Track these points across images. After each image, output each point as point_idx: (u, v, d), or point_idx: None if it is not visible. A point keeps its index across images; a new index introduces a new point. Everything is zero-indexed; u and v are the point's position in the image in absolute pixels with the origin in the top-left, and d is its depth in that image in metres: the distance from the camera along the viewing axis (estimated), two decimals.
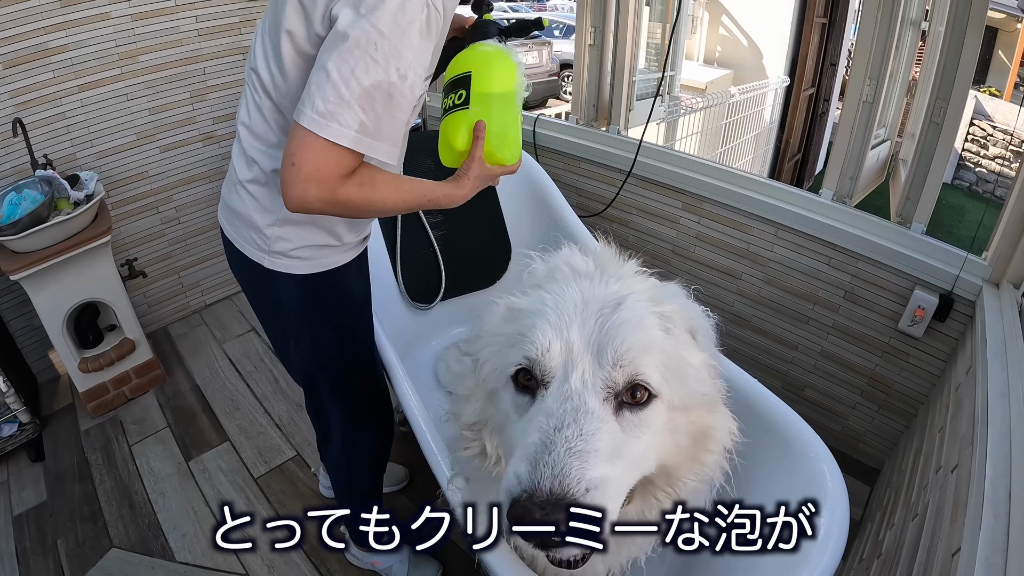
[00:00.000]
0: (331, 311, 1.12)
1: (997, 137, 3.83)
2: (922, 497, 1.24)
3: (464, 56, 1.05)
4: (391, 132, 0.84)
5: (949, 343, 1.54)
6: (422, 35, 0.81)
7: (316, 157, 0.79)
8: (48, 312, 1.84)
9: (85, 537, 1.69)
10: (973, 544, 0.84)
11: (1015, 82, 3.72)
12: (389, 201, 0.90)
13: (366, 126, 0.80)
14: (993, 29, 3.91)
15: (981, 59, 3.99)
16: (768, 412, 1.21)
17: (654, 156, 1.92)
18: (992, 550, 0.83)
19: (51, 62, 1.87)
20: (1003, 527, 0.86)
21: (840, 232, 1.63)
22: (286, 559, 1.60)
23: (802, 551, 0.95)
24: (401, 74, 0.80)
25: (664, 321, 0.71)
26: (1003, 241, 1.43)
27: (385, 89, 0.80)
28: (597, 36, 1.95)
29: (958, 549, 0.89)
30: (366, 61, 0.77)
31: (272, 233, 1.00)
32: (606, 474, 0.56)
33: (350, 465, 1.33)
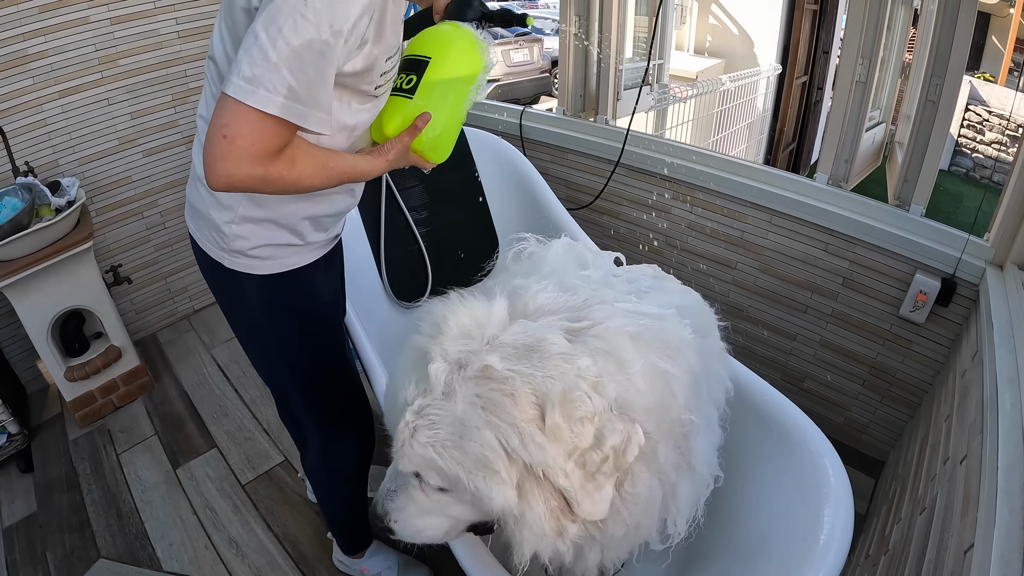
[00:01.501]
0: (296, 314, 1.04)
1: (993, 122, 3.75)
2: (930, 490, 1.16)
3: (430, 35, 0.96)
4: (324, 97, 0.75)
5: (953, 328, 1.46)
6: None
7: (248, 129, 0.70)
8: (32, 321, 1.78)
9: (73, 548, 1.64)
10: (987, 541, 0.77)
11: (1009, 67, 3.63)
12: (317, 179, 0.82)
13: (295, 91, 0.71)
14: (986, 15, 3.83)
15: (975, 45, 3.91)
16: (766, 406, 1.14)
17: (643, 145, 1.84)
18: (1008, 547, 0.75)
19: (31, 68, 1.81)
20: (1019, 522, 0.78)
21: (836, 217, 1.55)
22: (274, 567, 1.54)
23: (806, 551, 0.88)
24: (335, 31, 0.70)
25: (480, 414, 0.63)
26: (1006, 221, 1.35)
27: (316, 48, 0.70)
28: (582, 25, 1.87)
29: (971, 546, 0.82)
30: (295, 18, 0.69)
31: (230, 231, 0.93)
32: (406, 518, 0.75)
33: (330, 473, 1.26)
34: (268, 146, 0.73)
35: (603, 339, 0.66)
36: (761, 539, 1.01)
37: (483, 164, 1.84)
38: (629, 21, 2.33)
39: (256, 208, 0.92)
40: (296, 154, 0.78)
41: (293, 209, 0.94)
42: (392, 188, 1.73)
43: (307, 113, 0.73)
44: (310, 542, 1.58)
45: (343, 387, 1.18)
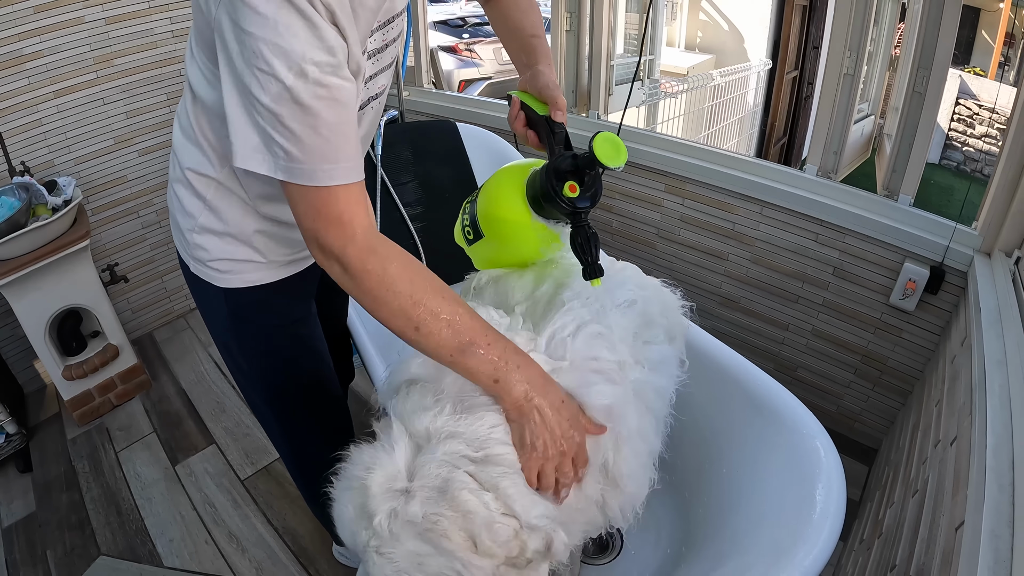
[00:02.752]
0: (260, 329, 0.98)
1: (983, 116, 3.77)
2: (921, 472, 1.17)
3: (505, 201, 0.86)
4: (322, 149, 0.65)
5: (942, 316, 1.47)
6: (303, 15, 0.60)
7: (293, 204, 0.68)
8: (30, 320, 1.78)
9: (73, 546, 1.63)
10: (977, 517, 0.78)
11: (999, 61, 3.66)
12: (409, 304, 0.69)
13: (290, 152, 0.64)
14: (976, 9, 3.85)
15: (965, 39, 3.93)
16: (758, 390, 1.14)
17: (635, 139, 1.85)
18: (997, 522, 0.76)
19: (26, 68, 1.81)
20: (1008, 498, 0.80)
21: (826, 207, 1.56)
22: (274, 560, 1.54)
23: (799, 529, 0.89)
24: (297, 72, 0.61)
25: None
26: (993, 209, 1.37)
27: (287, 98, 0.61)
28: (573, 21, 1.88)
29: (961, 523, 0.83)
30: (255, 75, 0.61)
31: (192, 239, 0.88)
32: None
33: (304, 473, 1.22)
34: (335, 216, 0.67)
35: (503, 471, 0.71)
36: (754, 521, 1.02)
37: (477, 159, 1.84)
38: (620, 17, 2.34)
39: (215, 219, 0.86)
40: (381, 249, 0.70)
41: (247, 220, 0.87)
42: (387, 183, 1.73)
43: (313, 171, 0.65)
44: (310, 535, 1.58)
45: (316, 397, 1.11)
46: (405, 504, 0.68)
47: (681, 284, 1.97)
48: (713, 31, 4.21)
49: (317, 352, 1.08)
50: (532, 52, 0.94)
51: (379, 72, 0.83)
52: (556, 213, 0.82)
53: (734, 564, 0.96)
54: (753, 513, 1.04)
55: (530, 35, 0.96)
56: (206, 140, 0.81)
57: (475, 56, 4.74)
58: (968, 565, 0.74)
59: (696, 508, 1.24)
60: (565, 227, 0.84)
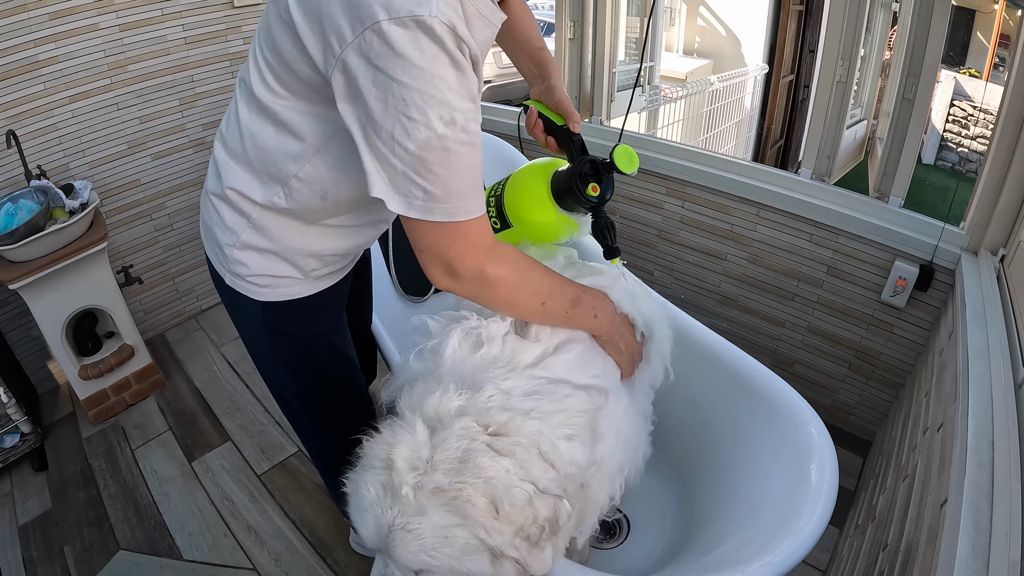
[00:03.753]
0: (296, 340, 1.02)
1: (978, 117, 3.86)
2: (911, 459, 1.25)
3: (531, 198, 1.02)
4: (461, 188, 0.71)
5: (932, 312, 1.56)
6: (456, 66, 0.65)
7: (421, 236, 0.74)
8: (47, 320, 1.83)
9: (92, 541, 1.68)
10: (959, 493, 0.86)
11: (994, 62, 3.75)
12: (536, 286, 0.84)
13: (432, 193, 0.69)
14: (971, 11, 3.94)
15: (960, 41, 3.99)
16: (755, 381, 1.22)
17: (637, 144, 1.93)
18: (977, 495, 0.84)
19: (42, 74, 1.87)
20: (987, 475, 0.87)
21: (820, 209, 1.65)
22: (292, 552, 1.60)
23: (795, 507, 0.97)
24: (447, 121, 0.65)
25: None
26: (979, 210, 1.44)
27: (436, 145, 0.66)
28: (576, 30, 1.96)
29: (945, 500, 0.91)
30: (401, 122, 0.65)
31: (231, 254, 0.91)
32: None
33: (333, 470, 1.28)
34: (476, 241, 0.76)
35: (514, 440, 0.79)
36: (753, 502, 1.10)
37: (484, 164, 1.91)
38: (622, 24, 2.42)
39: (259, 237, 0.89)
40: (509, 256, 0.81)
41: (302, 243, 0.91)
42: None
43: (453, 208, 0.71)
44: (327, 527, 1.65)
45: (347, 402, 1.15)
46: (431, 475, 0.73)
47: (681, 283, 2.06)
48: (711, 36, 4.30)
49: (348, 358, 1.13)
50: (543, 65, 1.04)
51: None
52: (579, 208, 0.98)
53: (735, 541, 1.04)
54: (752, 494, 1.12)
55: (538, 48, 1.05)
56: (263, 166, 0.84)
57: None
58: (951, 537, 0.81)
59: (698, 493, 1.32)
60: (584, 217, 1.01)
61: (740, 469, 1.20)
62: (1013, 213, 1.41)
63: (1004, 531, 0.77)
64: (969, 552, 0.77)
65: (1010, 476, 0.85)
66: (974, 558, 0.76)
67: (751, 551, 0.92)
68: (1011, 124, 1.34)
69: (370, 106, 0.66)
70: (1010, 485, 0.84)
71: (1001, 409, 0.98)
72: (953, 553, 0.77)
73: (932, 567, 0.83)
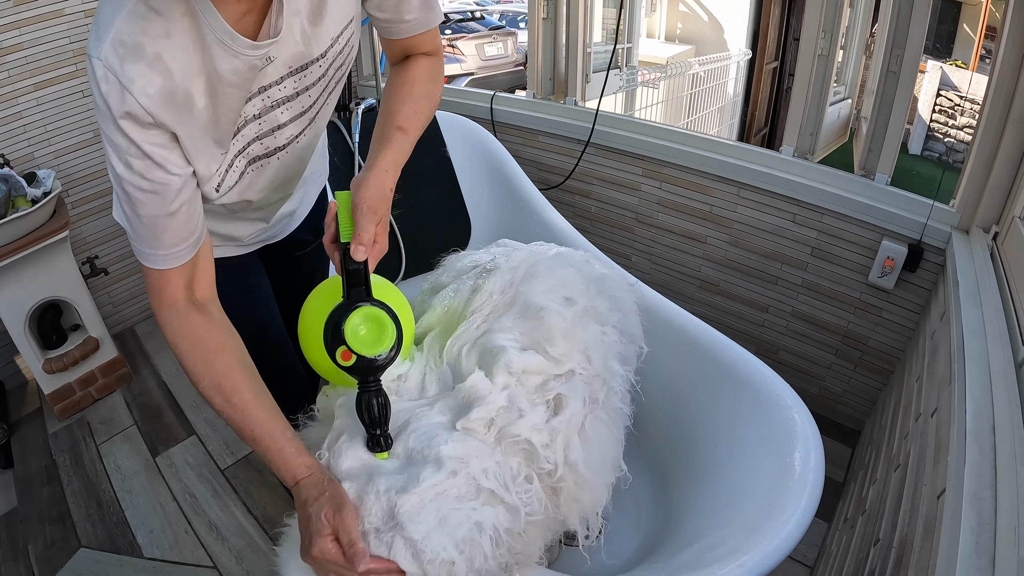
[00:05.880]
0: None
1: (965, 107, 3.75)
2: (903, 447, 1.13)
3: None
4: (142, 232, 0.68)
5: (922, 294, 1.43)
6: (121, 116, 0.61)
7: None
8: (9, 312, 1.71)
9: (54, 539, 1.57)
10: (959, 482, 0.73)
11: (980, 53, 3.65)
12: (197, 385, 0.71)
13: (125, 226, 0.69)
14: (958, 3, 3.84)
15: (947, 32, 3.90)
16: (734, 364, 1.11)
17: (612, 124, 1.81)
18: (980, 485, 0.71)
19: (5, 61, 1.75)
20: (989, 461, 0.75)
21: (803, 187, 1.52)
22: (254, 548, 1.48)
23: (776, 499, 0.84)
24: (124, 164, 0.63)
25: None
26: (970, 186, 1.33)
27: (118, 183, 0.65)
28: (550, 8, 1.84)
29: (943, 490, 0.78)
30: (106, 152, 0.65)
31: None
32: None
33: None
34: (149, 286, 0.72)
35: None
36: (731, 495, 0.97)
37: (455, 148, 1.79)
38: (598, 6, 2.30)
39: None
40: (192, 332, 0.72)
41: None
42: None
43: (140, 251, 0.69)
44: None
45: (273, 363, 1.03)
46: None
47: (660, 268, 1.93)
48: (693, 22, 4.19)
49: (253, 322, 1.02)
50: (383, 146, 0.76)
51: (289, 121, 0.76)
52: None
53: (712, 538, 0.91)
54: (731, 486, 0.99)
55: (396, 125, 0.78)
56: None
57: (457, 52, 4.69)
58: (951, 530, 0.69)
59: (675, 486, 1.19)
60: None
61: (719, 459, 1.07)
62: (1005, 189, 1.30)
63: (1011, 524, 0.65)
64: (972, 548, 0.64)
65: (1015, 462, 0.73)
66: (978, 555, 0.64)
67: (727, 548, 0.79)
68: (1001, 94, 1.24)
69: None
70: (1016, 472, 0.71)
71: (1001, 390, 0.86)
72: (954, 549, 0.65)
73: (929, 565, 0.71)
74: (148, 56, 0.60)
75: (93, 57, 0.60)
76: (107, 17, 0.60)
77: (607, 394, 0.78)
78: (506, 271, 0.81)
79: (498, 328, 0.75)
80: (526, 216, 1.63)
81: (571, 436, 0.73)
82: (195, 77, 0.63)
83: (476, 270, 0.84)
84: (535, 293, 0.77)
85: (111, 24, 0.59)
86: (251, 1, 0.64)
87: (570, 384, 0.74)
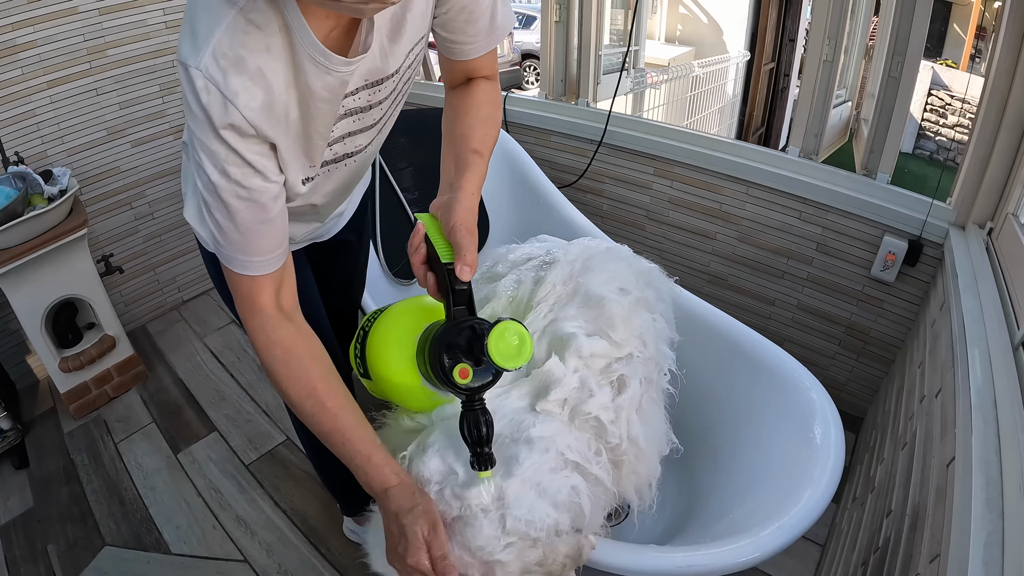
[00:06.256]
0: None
1: (955, 106, 3.92)
2: (909, 427, 1.24)
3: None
4: (236, 240, 0.71)
5: (921, 286, 1.55)
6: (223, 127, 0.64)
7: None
8: (26, 311, 1.75)
9: (76, 538, 1.61)
10: (967, 450, 0.84)
11: (971, 53, 3.82)
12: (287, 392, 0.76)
13: (214, 234, 0.71)
14: (948, 3, 4.01)
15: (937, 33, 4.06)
16: (753, 350, 1.21)
17: (624, 125, 1.91)
18: (986, 450, 0.82)
19: (19, 59, 1.79)
20: (993, 430, 0.86)
21: (809, 186, 1.63)
22: (284, 541, 1.54)
23: (804, 467, 0.94)
24: (221, 171, 0.66)
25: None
26: (966, 185, 1.44)
27: (213, 191, 0.68)
28: (562, 12, 1.94)
29: (952, 458, 0.89)
30: (194, 159, 0.68)
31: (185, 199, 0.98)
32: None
33: (313, 443, 1.27)
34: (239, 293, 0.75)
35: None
36: (758, 471, 1.07)
37: None
38: (607, 7, 2.41)
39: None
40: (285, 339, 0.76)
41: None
42: (385, 169, 1.76)
43: (231, 257, 0.72)
44: (318, 516, 1.59)
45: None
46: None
47: (671, 264, 2.04)
48: (692, 24, 4.33)
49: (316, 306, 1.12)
50: (464, 169, 0.79)
51: (359, 130, 0.81)
52: (445, 388, 0.70)
53: (742, 511, 1.01)
54: (757, 463, 1.09)
55: (471, 149, 0.81)
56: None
57: None
58: (963, 491, 0.79)
59: (698, 470, 1.29)
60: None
61: (742, 441, 1.17)
62: (999, 188, 1.41)
63: (1016, 482, 0.75)
64: (984, 504, 0.75)
65: (1016, 429, 0.83)
66: (989, 509, 0.74)
67: (762, 516, 0.89)
68: (996, 100, 1.34)
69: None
70: (1018, 438, 0.82)
71: (1001, 369, 0.97)
72: (967, 507, 0.75)
73: (944, 523, 0.81)
74: (250, 70, 0.62)
75: (191, 67, 0.61)
76: (205, 28, 0.60)
77: (658, 375, 0.88)
78: (565, 264, 0.90)
79: (564, 317, 0.85)
80: (546, 214, 1.72)
81: (631, 413, 0.83)
82: (290, 91, 0.67)
83: (532, 262, 0.94)
84: (594, 284, 0.87)
85: (210, 35, 0.60)
86: (338, 18, 0.66)
87: (630, 366, 0.83)
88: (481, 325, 0.68)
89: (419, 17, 0.74)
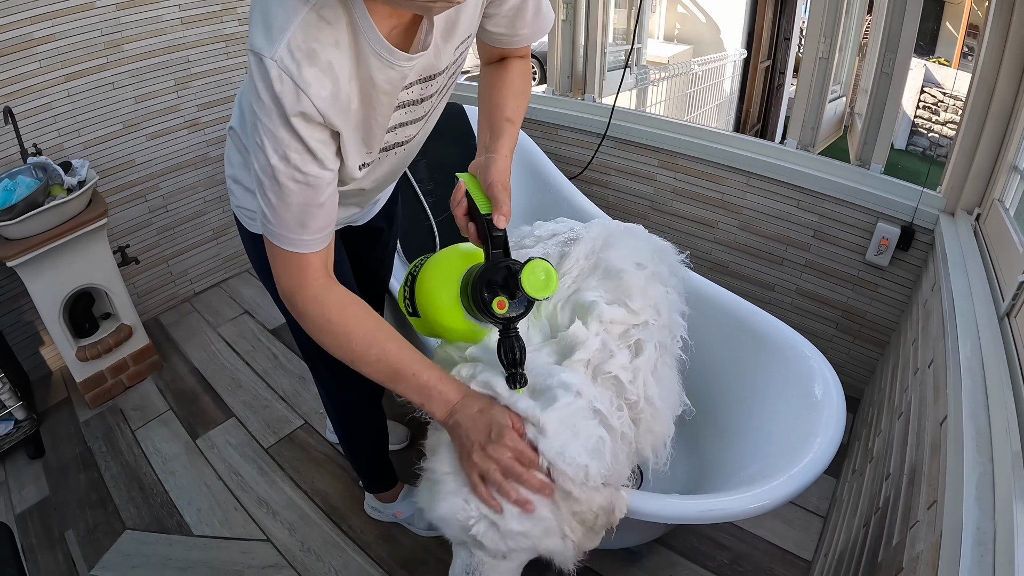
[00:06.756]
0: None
1: (948, 103, 4.04)
2: (904, 399, 1.34)
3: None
4: (286, 219, 0.77)
5: (913, 270, 1.66)
6: (294, 115, 0.69)
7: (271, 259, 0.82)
8: (45, 300, 1.81)
9: (96, 523, 1.66)
10: (958, 408, 0.93)
11: (962, 51, 3.95)
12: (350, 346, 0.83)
13: (265, 213, 0.77)
14: (941, 2, 4.14)
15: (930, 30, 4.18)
16: (761, 326, 1.31)
17: (628, 119, 2.01)
18: (975, 406, 0.92)
19: (37, 52, 1.84)
20: (981, 389, 0.95)
21: (806, 176, 1.74)
22: (306, 520, 1.61)
23: (807, 423, 1.04)
24: (280, 155, 0.71)
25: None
26: (955, 174, 1.55)
27: (270, 173, 0.73)
28: (569, 11, 2.04)
29: (944, 417, 0.98)
30: (254, 141, 0.73)
31: (228, 183, 1.06)
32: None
33: (342, 419, 1.35)
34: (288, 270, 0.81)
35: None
36: (765, 433, 1.17)
37: None
38: (612, 6, 2.51)
39: (246, 174, 1.02)
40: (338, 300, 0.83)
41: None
42: None
43: (280, 235, 0.78)
44: (340, 495, 1.66)
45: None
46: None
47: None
48: (691, 23, 4.47)
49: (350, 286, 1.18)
50: (498, 135, 0.91)
51: (410, 122, 0.88)
52: (485, 319, 0.84)
53: (753, 468, 1.11)
54: (763, 425, 1.20)
55: (505, 117, 0.93)
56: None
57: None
58: (955, 443, 0.89)
59: (706, 438, 1.38)
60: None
61: (748, 406, 1.27)
62: (986, 176, 1.52)
63: (1003, 427, 0.85)
64: (975, 451, 0.84)
65: (1002, 387, 0.93)
66: (979, 454, 0.84)
67: (774, 469, 0.98)
68: (983, 91, 1.44)
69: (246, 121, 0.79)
70: (1003, 395, 0.92)
71: (988, 337, 1.07)
72: (959, 455, 0.84)
73: (940, 473, 0.91)
74: (321, 63, 0.68)
75: (266, 57, 0.66)
76: (280, 21, 0.66)
77: (671, 342, 0.98)
78: (587, 240, 1.00)
79: (586, 287, 0.95)
80: (557, 203, 1.82)
81: (648, 375, 0.92)
82: (352, 83, 0.73)
83: (557, 238, 1.04)
84: (614, 258, 0.97)
85: (285, 29, 0.65)
86: (400, 17, 0.73)
87: (646, 331, 0.93)
88: (515, 264, 0.80)
89: (470, 17, 0.81)
